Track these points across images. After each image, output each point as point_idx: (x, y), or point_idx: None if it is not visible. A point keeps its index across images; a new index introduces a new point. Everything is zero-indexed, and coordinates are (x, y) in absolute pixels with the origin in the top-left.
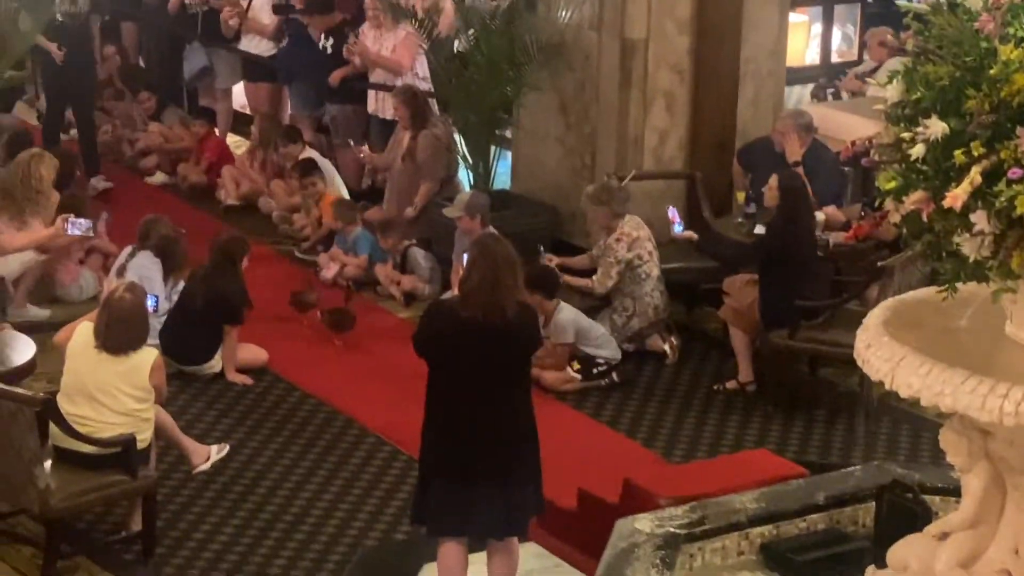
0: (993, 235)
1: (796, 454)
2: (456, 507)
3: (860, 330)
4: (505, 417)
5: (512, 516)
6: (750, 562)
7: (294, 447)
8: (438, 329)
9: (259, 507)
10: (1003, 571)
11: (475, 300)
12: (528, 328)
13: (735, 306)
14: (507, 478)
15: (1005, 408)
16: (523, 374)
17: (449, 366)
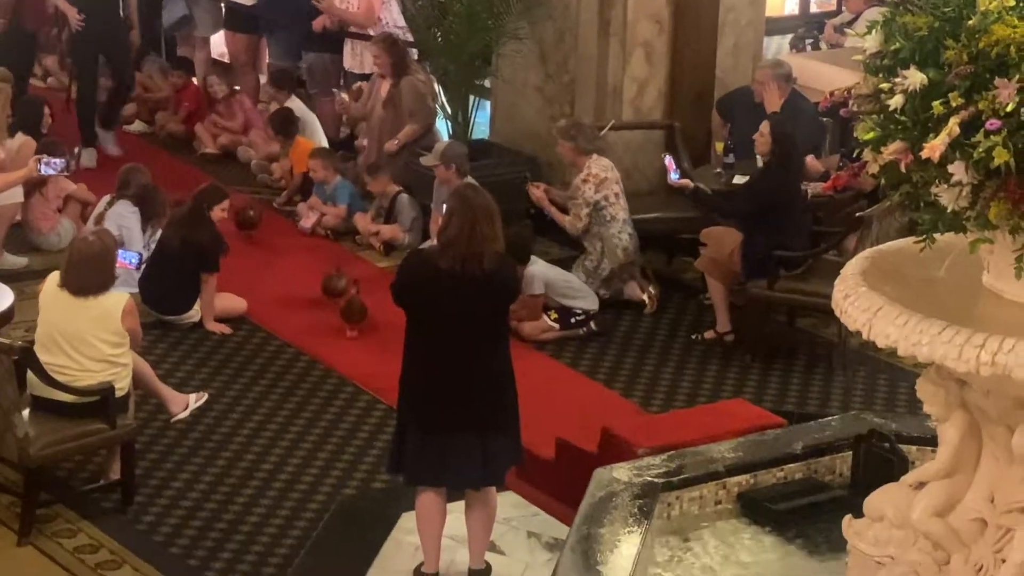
0: (971, 185)
1: (774, 404)
2: (432, 457)
3: (838, 280)
4: (482, 368)
5: (489, 467)
6: (728, 511)
7: (273, 396)
8: (416, 279)
9: (238, 456)
10: (978, 519)
11: (453, 250)
12: (507, 278)
13: (713, 256)
14: (484, 429)
15: (982, 358)
16: (501, 324)
17: (426, 316)
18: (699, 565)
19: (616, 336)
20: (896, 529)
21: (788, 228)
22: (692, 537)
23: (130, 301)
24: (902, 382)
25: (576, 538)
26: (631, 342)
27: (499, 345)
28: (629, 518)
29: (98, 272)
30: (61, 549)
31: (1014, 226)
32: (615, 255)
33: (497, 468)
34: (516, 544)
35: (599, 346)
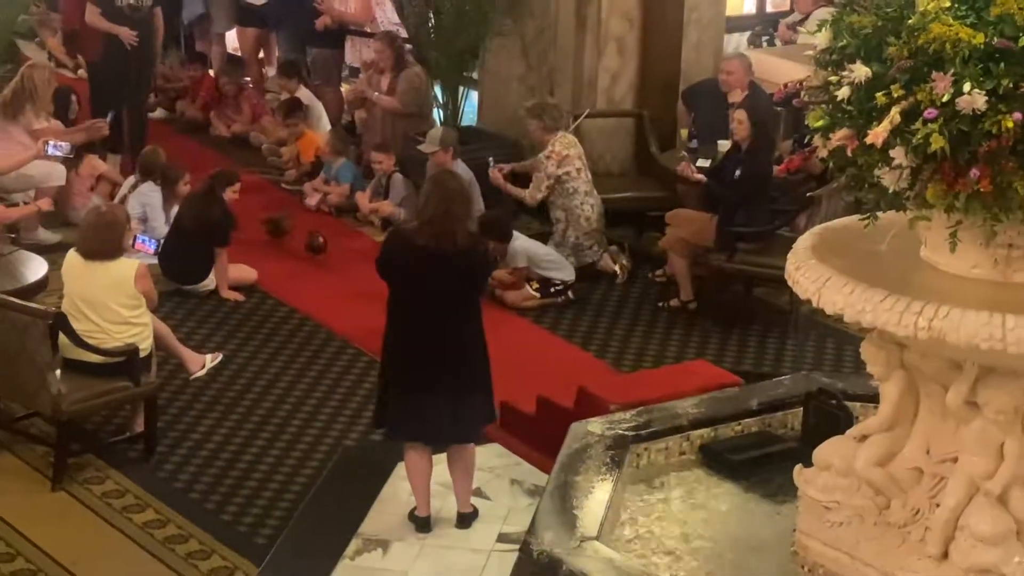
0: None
1: (732, 365)
2: (411, 416)
3: (791, 254)
4: (455, 334)
5: (461, 426)
6: (691, 461)
7: (281, 356)
8: (396, 254)
9: (250, 410)
10: (915, 468)
11: (429, 229)
12: (477, 256)
13: (681, 236)
14: (457, 392)
15: (919, 324)
16: (473, 297)
17: (405, 289)
18: (665, 509)
19: (591, 304)
20: (842, 477)
21: (761, 206)
22: (659, 484)
23: (142, 266)
24: (848, 345)
25: (554, 485)
26: (604, 309)
27: (471, 315)
28: (602, 467)
29: (106, 239)
30: (90, 494)
31: (948, 205)
32: (579, 224)
33: (469, 426)
34: (500, 490)
35: (575, 312)
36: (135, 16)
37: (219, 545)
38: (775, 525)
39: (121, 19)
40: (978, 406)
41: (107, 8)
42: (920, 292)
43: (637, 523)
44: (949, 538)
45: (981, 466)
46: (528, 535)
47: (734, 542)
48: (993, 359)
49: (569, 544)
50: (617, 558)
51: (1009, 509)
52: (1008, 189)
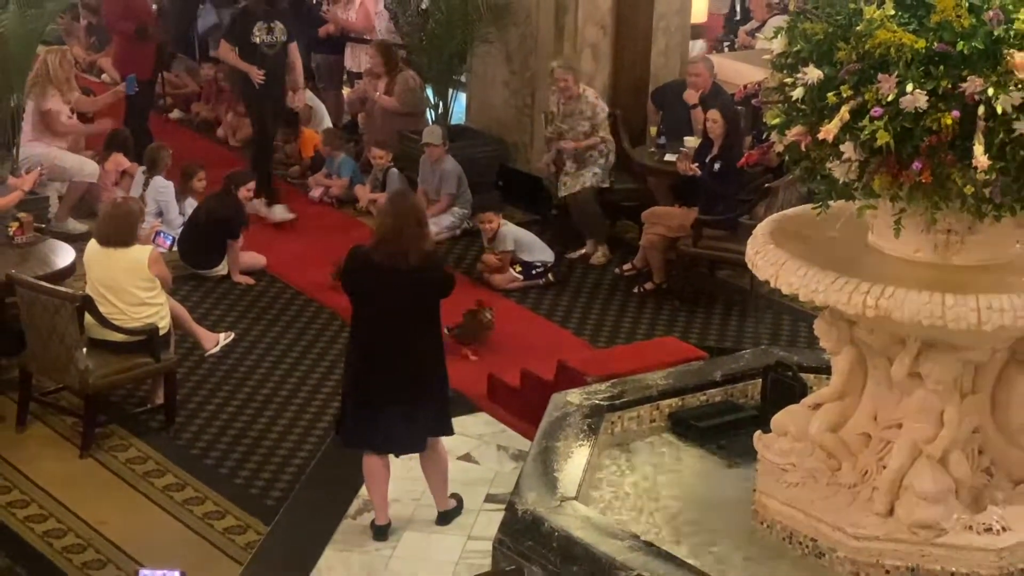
0: (858, 162)
1: (698, 340)
2: (365, 425)
3: (750, 240)
4: (410, 348)
5: (412, 437)
6: (660, 428)
7: (288, 335)
8: (354, 270)
9: (260, 383)
10: (864, 434)
11: (384, 247)
12: (431, 272)
13: (661, 232)
14: (409, 404)
15: (867, 303)
16: (428, 312)
17: (363, 302)
18: (637, 472)
19: (570, 285)
20: (797, 442)
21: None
22: (631, 449)
23: (154, 251)
24: (802, 322)
25: (537, 450)
26: (582, 290)
27: (428, 330)
28: (580, 434)
29: (121, 228)
30: (115, 460)
31: (893, 194)
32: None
33: (418, 439)
34: (487, 455)
35: (556, 293)
36: (270, 53)
37: (232, 506)
38: (736, 486)
39: (256, 57)
40: (920, 377)
41: (244, 47)
42: (868, 274)
43: (612, 484)
44: (895, 497)
45: (923, 431)
46: (513, 496)
47: (699, 501)
48: (934, 334)
49: (550, 503)
50: (594, 516)
51: (949, 470)
52: (947, 180)
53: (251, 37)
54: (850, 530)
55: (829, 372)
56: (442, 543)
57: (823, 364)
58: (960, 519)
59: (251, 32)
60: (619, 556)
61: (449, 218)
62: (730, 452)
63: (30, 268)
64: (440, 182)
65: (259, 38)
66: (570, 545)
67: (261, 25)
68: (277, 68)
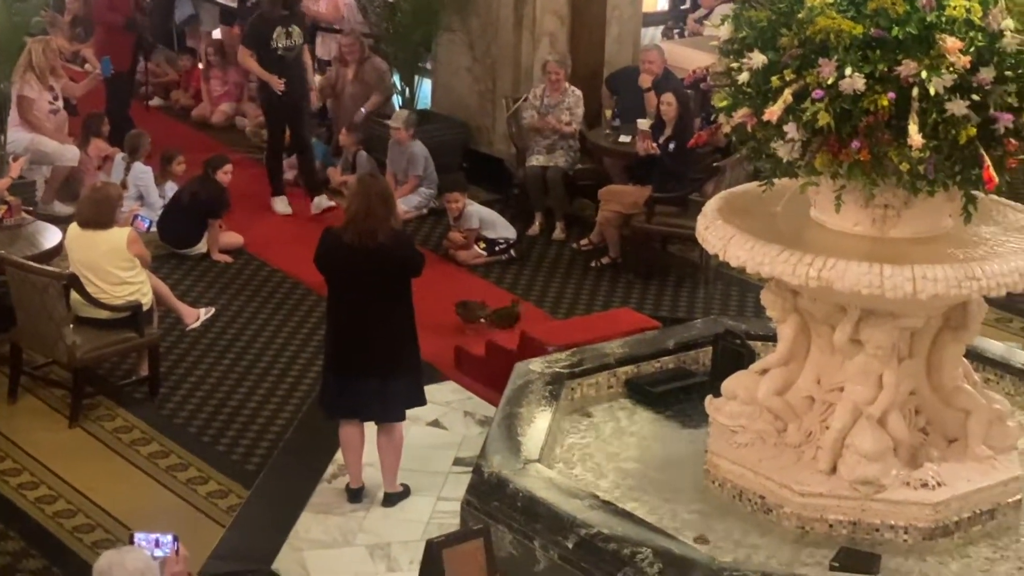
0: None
1: (652, 311)
2: (344, 396)
3: (700, 215)
4: (382, 324)
5: (388, 406)
6: (617, 394)
7: (266, 309)
8: (327, 250)
9: (239, 356)
10: (808, 397)
11: (353, 227)
12: (399, 250)
13: (616, 210)
14: (384, 375)
15: (810, 274)
16: (398, 289)
17: (337, 281)
18: (596, 435)
19: (531, 260)
20: (746, 405)
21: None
22: (590, 414)
23: (132, 232)
24: (750, 293)
25: (502, 416)
26: (542, 265)
27: (398, 305)
28: (542, 400)
29: (100, 211)
30: (103, 430)
31: (834, 172)
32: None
33: (394, 408)
34: (455, 421)
35: (518, 268)
36: (288, 56)
37: (214, 472)
38: (689, 447)
39: (274, 62)
40: (861, 343)
41: (264, 53)
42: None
43: (572, 447)
44: (837, 455)
45: (864, 394)
46: (480, 459)
47: (655, 461)
48: (873, 303)
49: (515, 466)
50: (556, 477)
51: (887, 430)
52: (884, 158)
53: (271, 43)
54: (796, 487)
55: (775, 340)
56: (413, 504)
57: (770, 332)
58: (898, 476)
59: (271, 38)
60: (580, 515)
61: (416, 198)
62: (683, 415)
63: (19, 249)
64: (408, 164)
65: (279, 43)
66: (533, 505)
67: (280, 31)
68: (297, 71)
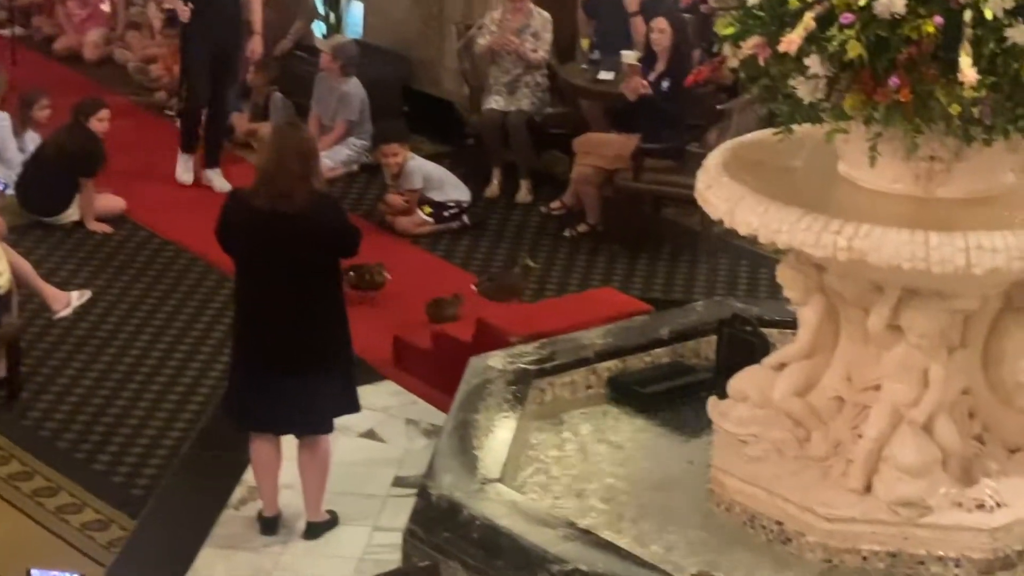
0: (826, 78)
1: (640, 291)
2: (256, 402)
3: (701, 171)
4: (303, 310)
5: (310, 415)
6: (598, 395)
7: (155, 292)
8: (232, 217)
9: (122, 351)
10: (836, 398)
11: (264, 188)
12: (323, 218)
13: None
14: (305, 374)
15: (838, 244)
16: (323, 266)
17: (245, 257)
18: (571, 448)
19: (488, 228)
20: (759, 409)
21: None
22: (565, 421)
23: None
24: (763, 268)
25: (453, 424)
26: (503, 234)
27: (323, 287)
28: (504, 404)
29: None
30: None
31: (867, 116)
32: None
33: (320, 416)
34: (395, 431)
35: (472, 238)
36: None
37: (91, 497)
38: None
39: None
40: (901, 330)
41: None
42: (838, 210)
43: (542, 463)
44: (872, 470)
45: (905, 393)
46: (426, 478)
47: (645, 481)
48: (916, 280)
49: (470, 487)
50: (521, 500)
51: (934, 438)
52: (929, 98)
53: None
54: (821, 511)
55: (795, 326)
56: (343, 536)
57: (788, 317)
58: (948, 495)
59: None
60: (552, 547)
61: (345, 151)
62: (680, 422)
63: None
64: (339, 106)
65: None
66: (494, 535)
67: None
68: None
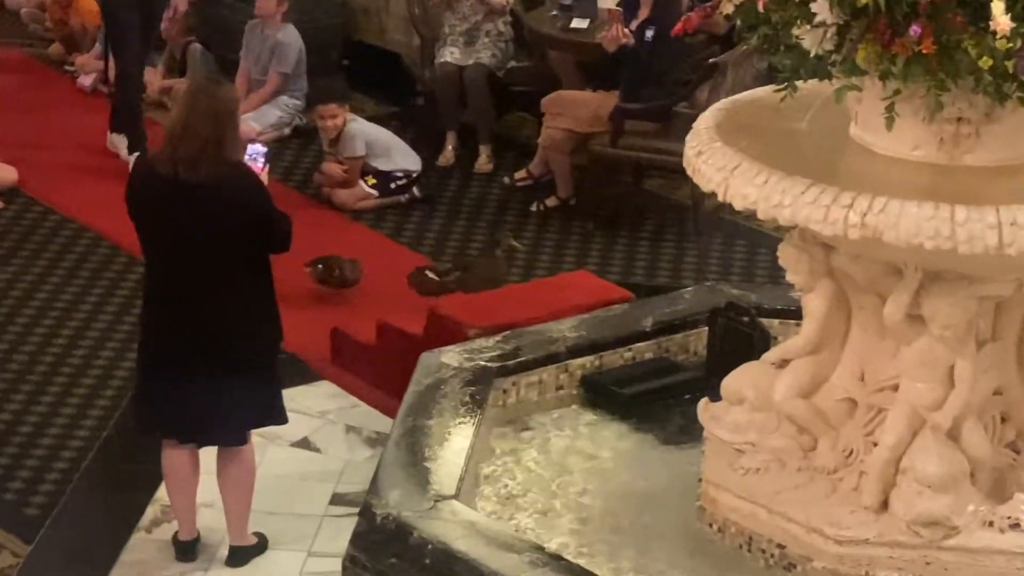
0: (836, 26)
1: (620, 276)
2: (163, 404)
3: (690, 135)
4: (215, 300)
5: (227, 423)
6: (570, 397)
7: (54, 276)
8: (137, 188)
9: (14, 346)
10: (847, 399)
11: (170, 152)
12: (231, 193)
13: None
14: (214, 377)
15: (850, 219)
16: (242, 249)
17: (149, 234)
18: (539, 458)
19: (442, 202)
20: (757, 412)
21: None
22: (531, 427)
23: None
24: (762, 248)
25: (401, 431)
26: (459, 209)
27: (241, 274)
28: (460, 407)
29: None
30: None
31: (884, 71)
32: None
33: (235, 426)
34: (333, 440)
35: (423, 214)
36: None
37: None
38: (675, 474)
39: None
40: (922, 320)
41: None
42: (850, 180)
43: (505, 476)
44: (889, 484)
45: (927, 394)
46: (369, 495)
47: (625, 497)
48: (940, 261)
49: (421, 505)
50: (481, 521)
51: (961, 446)
52: (956, 50)
53: None
54: (830, 531)
55: (798, 316)
56: (272, 563)
57: (791, 305)
58: (977, 512)
59: None
60: (517, 574)
61: (275, 112)
62: (666, 429)
63: None
64: (272, 56)
65: None
66: (449, 561)
67: None
68: None
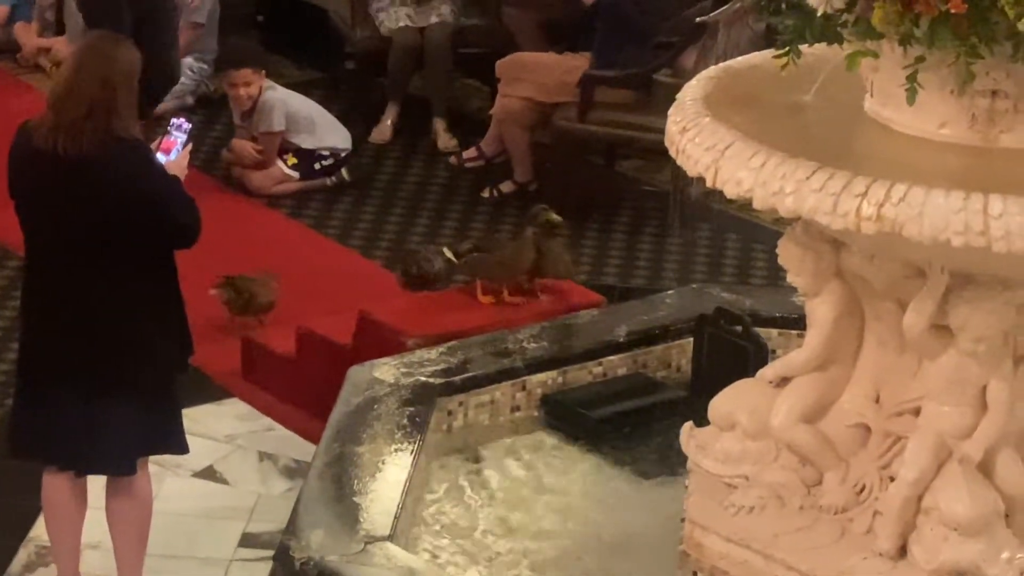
0: None
1: (589, 276)
2: (31, 423)
3: (673, 108)
4: (98, 302)
5: (106, 447)
6: (529, 419)
7: None
8: (15, 162)
9: None
10: (859, 425)
11: (48, 120)
12: (119, 171)
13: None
14: (97, 392)
15: (863, 211)
16: (128, 241)
17: (25, 219)
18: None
19: (376, 187)
20: (751, 440)
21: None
22: (482, 456)
23: None
24: (758, 244)
25: (325, 460)
26: (396, 194)
27: (129, 270)
28: (396, 432)
29: None
30: None
31: (905, 34)
32: None
33: (117, 449)
34: (244, 469)
35: (353, 201)
36: None
37: None
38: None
39: None
40: (950, 332)
41: None
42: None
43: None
44: (909, 526)
45: (954, 420)
46: (286, 536)
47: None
48: (971, 261)
49: (349, 548)
50: (420, 566)
51: (994, 482)
52: (991, 10)
53: None
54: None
55: (802, 325)
56: None
57: (793, 312)
58: (1013, 560)
59: None
60: None
61: None
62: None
63: None
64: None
65: None
66: None
67: None
68: None
